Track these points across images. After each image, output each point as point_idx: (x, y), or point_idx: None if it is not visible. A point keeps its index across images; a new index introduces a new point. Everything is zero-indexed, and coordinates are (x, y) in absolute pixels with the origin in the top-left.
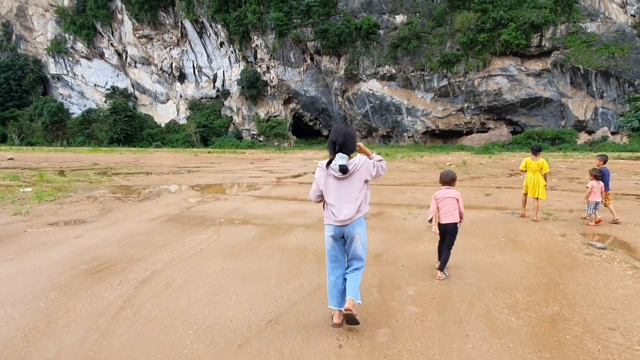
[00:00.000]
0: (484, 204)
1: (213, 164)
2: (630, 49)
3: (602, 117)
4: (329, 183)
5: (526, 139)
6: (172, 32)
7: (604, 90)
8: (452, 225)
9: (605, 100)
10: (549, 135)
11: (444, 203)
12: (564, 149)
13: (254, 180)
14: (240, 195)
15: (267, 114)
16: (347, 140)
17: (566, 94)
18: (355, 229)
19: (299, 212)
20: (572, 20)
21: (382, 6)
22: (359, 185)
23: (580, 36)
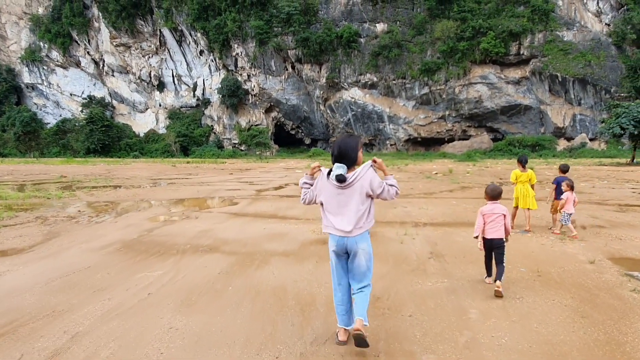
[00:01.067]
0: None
1: (190, 175)
2: (605, 57)
3: (580, 123)
4: (329, 191)
5: (507, 145)
6: (151, 40)
7: (581, 98)
8: (498, 240)
9: (583, 107)
10: (529, 142)
11: (491, 219)
12: (544, 155)
13: (232, 193)
14: (214, 212)
15: (249, 123)
16: (346, 151)
17: (545, 101)
18: (359, 244)
19: (278, 234)
20: (549, 29)
21: (362, 15)
22: (359, 198)
23: (558, 44)
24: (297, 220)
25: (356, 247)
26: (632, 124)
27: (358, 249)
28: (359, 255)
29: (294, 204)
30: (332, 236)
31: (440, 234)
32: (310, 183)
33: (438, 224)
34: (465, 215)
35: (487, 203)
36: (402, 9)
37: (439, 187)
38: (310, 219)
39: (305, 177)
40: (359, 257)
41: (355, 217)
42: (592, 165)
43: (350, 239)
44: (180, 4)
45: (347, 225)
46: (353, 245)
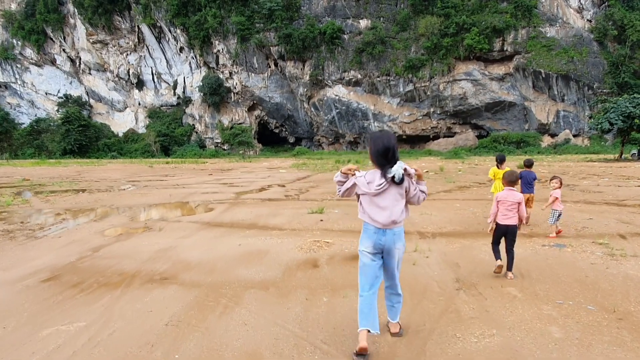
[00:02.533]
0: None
1: (166, 176)
2: (588, 53)
3: (563, 120)
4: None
5: (492, 142)
6: (129, 37)
7: (564, 94)
8: (513, 226)
9: (566, 104)
10: (514, 138)
11: (505, 206)
12: (529, 152)
13: (208, 197)
14: (184, 221)
15: (231, 122)
16: (394, 149)
17: (529, 98)
18: (396, 243)
19: (256, 253)
20: (532, 25)
21: (345, 11)
22: (398, 194)
23: (541, 40)
24: (280, 232)
25: (393, 247)
26: (621, 119)
27: (395, 248)
28: (396, 255)
29: (277, 210)
30: (368, 232)
31: (457, 249)
32: (343, 181)
33: (449, 234)
34: (477, 223)
35: (505, 189)
36: (385, 4)
37: (435, 187)
38: (295, 229)
39: (339, 175)
40: (395, 256)
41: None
42: (580, 162)
43: (388, 234)
44: (158, 0)
45: (386, 219)
46: (390, 244)
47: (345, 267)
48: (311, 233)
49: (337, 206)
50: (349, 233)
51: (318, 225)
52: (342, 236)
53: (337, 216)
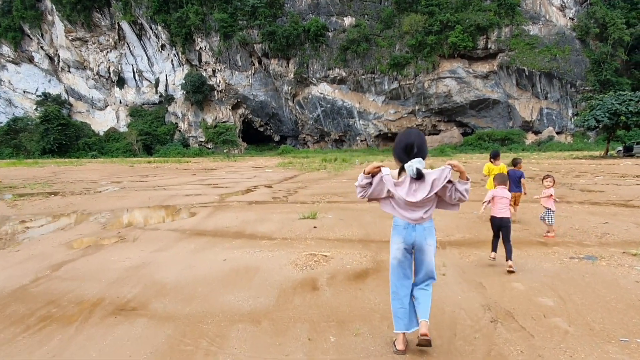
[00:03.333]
0: (519, 234)
1: (147, 177)
2: (570, 51)
3: (547, 117)
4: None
5: (477, 140)
6: (109, 34)
7: (547, 92)
8: (507, 219)
9: (550, 101)
10: (498, 136)
11: (500, 201)
12: (513, 149)
13: (190, 200)
14: (162, 229)
15: (215, 120)
16: (421, 145)
17: (513, 96)
18: (427, 239)
19: (244, 271)
20: (515, 23)
21: (329, 8)
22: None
23: (524, 38)
24: (270, 242)
25: (424, 243)
26: (607, 116)
27: (426, 244)
28: (427, 252)
29: (265, 214)
30: (398, 228)
31: (474, 263)
32: (368, 183)
33: (459, 243)
34: (486, 229)
35: (497, 187)
36: (369, 2)
37: None
38: (287, 238)
39: (363, 177)
40: (426, 253)
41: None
42: (567, 159)
43: (418, 229)
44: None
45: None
46: (422, 240)
47: (350, 290)
48: (305, 243)
49: (329, 210)
50: (347, 243)
51: (312, 233)
52: (340, 247)
53: (331, 222)
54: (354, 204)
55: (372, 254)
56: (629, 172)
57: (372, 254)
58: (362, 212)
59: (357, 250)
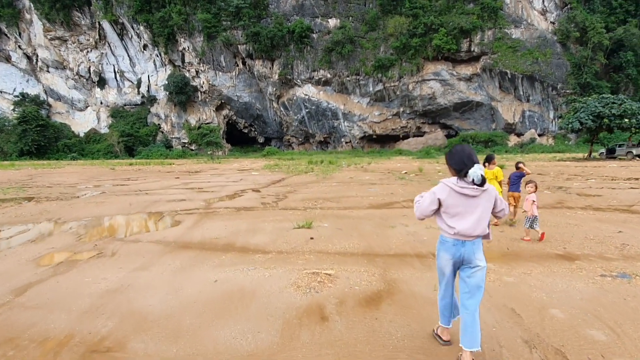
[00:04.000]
0: (532, 246)
1: (128, 180)
2: (551, 54)
3: (529, 119)
4: (456, 202)
5: (461, 142)
6: (89, 33)
7: (529, 94)
8: None
9: (532, 104)
10: (482, 138)
11: None
12: (497, 151)
13: (174, 206)
14: (143, 240)
15: (199, 121)
16: (475, 158)
17: (496, 98)
18: (476, 253)
19: (238, 296)
20: (498, 27)
21: (314, 10)
22: (487, 206)
23: (506, 42)
24: (265, 257)
25: (474, 258)
26: (591, 119)
27: (475, 259)
28: (476, 270)
29: (256, 223)
30: (446, 244)
31: (499, 283)
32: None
33: None
34: (496, 239)
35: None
36: (354, 4)
37: (422, 190)
38: (283, 251)
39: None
40: (476, 270)
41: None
42: (552, 161)
43: (468, 246)
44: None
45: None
46: (471, 256)
47: (366, 320)
48: (303, 258)
49: (324, 218)
50: (349, 258)
51: (309, 246)
52: (342, 262)
53: (328, 232)
54: (348, 210)
55: (380, 271)
56: (617, 174)
57: (379, 271)
58: (359, 221)
59: (362, 267)
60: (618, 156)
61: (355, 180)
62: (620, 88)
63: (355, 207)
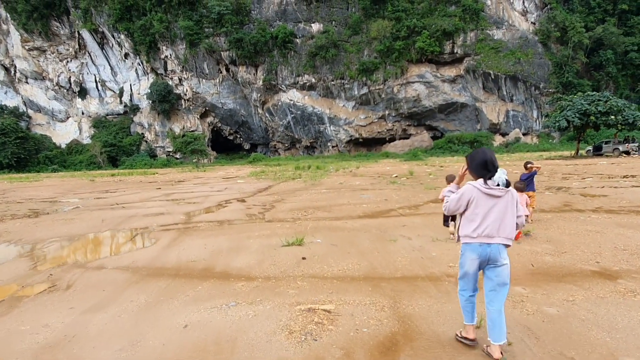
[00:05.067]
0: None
1: (107, 192)
2: (533, 54)
3: (513, 119)
4: (482, 202)
5: (447, 143)
6: (69, 43)
7: (513, 94)
8: None
9: (515, 104)
10: (467, 139)
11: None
12: None
13: (151, 220)
14: (108, 267)
15: (183, 129)
16: (496, 161)
17: (480, 99)
18: (501, 253)
19: (214, 349)
20: (480, 28)
21: (297, 15)
22: (512, 208)
23: (489, 43)
24: (249, 286)
25: (499, 257)
26: (578, 117)
27: (501, 258)
28: (502, 269)
29: (240, 240)
30: (472, 247)
31: (536, 315)
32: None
33: None
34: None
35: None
36: (336, 8)
37: (417, 195)
38: (270, 277)
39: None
40: (502, 269)
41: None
42: (540, 160)
43: (494, 247)
44: (100, 4)
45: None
46: (497, 255)
47: None
48: (295, 285)
49: (316, 231)
50: (350, 284)
51: (301, 268)
52: (343, 291)
53: (322, 249)
54: (342, 221)
55: (390, 303)
56: (612, 172)
57: (389, 302)
58: (355, 234)
59: (367, 297)
60: (605, 153)
61: (345, 186)
62: (601, 86)
63: (348, 216)
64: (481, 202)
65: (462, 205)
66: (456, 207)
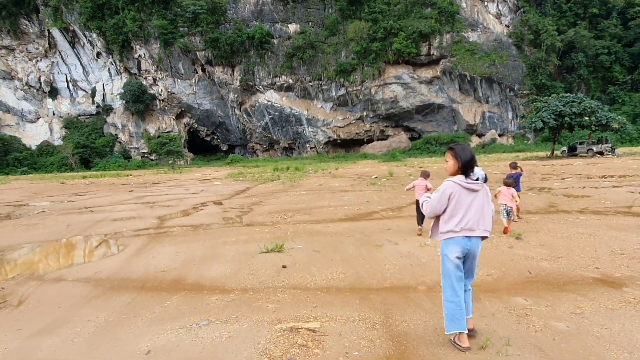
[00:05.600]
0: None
1: (77, 195)
2: (507, 56)
3: (489, 120)
4: (463, 197)
5: (425, 144)
6: (38, 42)
7: (489, 96)
8: None
9: (491, 105)
10: (444, 140)
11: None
12: None
13: (121, 225)
14: (68, 279)
15: (158, 130)
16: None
17: (456, 100)
18: (479, 246)
19: None
20: (455, 30)
21: (273, 15)
22: (487, 200)
23: (464, 45)
24: (224, 300)
25: (477, 250)
26: (553, 118)
27: (478, 250)
28: (477, 257)
29: (215, 246)
30: (456, 240)
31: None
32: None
33: (493, 288)
34: (510, 259)
35: (419, 179)
36: (313, 9)
37: (398, 197)
38: (248, 289)
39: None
40: (476, 259)
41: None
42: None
43: (474, 241)
44: (70, 2)
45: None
46: (475, 248)
47: None
48: (275, 299)
49: (297, 236)
50: (336, 295)
51: (282, 278)
52: (329, 305)
53: (304, 256)
54: (323, 224)
55: (381, 319)
56: (589, 172)
57: (380, 317)
58: (338, 238)
59: (355, 311)
60: (579, 154)
61: (325, 187)
62: (573, 88)
63: (329, 219)
64: (462, 196)
65: (444, 202)
66: (439, 205)
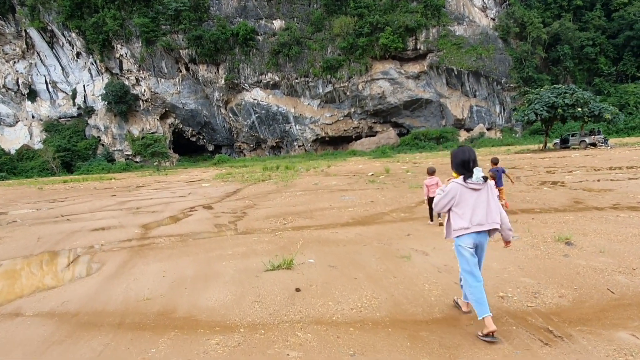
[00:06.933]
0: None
1: (55, 201)
2: (494, 50)
3: (477, 114)
4: (467, 196)
5: (413, 140)
6: (15, 42)
7: (476, 90)
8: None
9: (478, 99)
10: (433, 135)
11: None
12: (448, 147)
13: (99, 237)
14: (26, 313)
15: (142, 131)
16: (476, 157)
17: (444, 95)
18: (487, 238)
19: None
20: (441, 24)
21: (257, 11)
22: (491, 194)
23: (451, 39)
24: (228, 342)
25: (484, 242)
26: (546, 109)
27: (486, 242)
28: (485, 249)
29: (210, 263)
30: (470, 235)
31: None
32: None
33: (581, 320)
34: (589, 277)
35: (428, 177)
36: (298, 5)
37: (404, 196)
38: (258, 324)
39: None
40: (485, 250)
41: (497, 212)
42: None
43: (482, 235)
44: (47, 1)
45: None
46: (484, 240)
47: None
48: (296, 342)
49: (305, 246)
50: (376, 333)
51: (298, 308)
52: (371, 350)
53: (319, 273)
54: (329, 230)
55: None
56: (592, 164)
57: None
58: (353, 248)
59: (399, 353)
60: (571, 146)
61: (321, 186)
62: (560, 80)
63: (335, 223)
64: (466, 195)
65: (448, 201)
66: (444, 203)
